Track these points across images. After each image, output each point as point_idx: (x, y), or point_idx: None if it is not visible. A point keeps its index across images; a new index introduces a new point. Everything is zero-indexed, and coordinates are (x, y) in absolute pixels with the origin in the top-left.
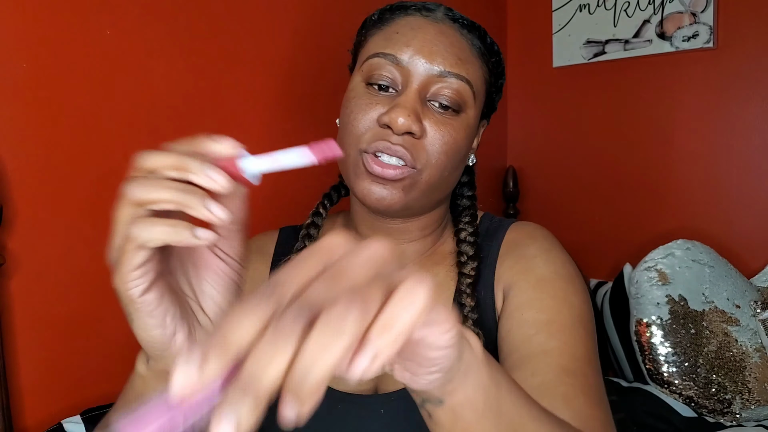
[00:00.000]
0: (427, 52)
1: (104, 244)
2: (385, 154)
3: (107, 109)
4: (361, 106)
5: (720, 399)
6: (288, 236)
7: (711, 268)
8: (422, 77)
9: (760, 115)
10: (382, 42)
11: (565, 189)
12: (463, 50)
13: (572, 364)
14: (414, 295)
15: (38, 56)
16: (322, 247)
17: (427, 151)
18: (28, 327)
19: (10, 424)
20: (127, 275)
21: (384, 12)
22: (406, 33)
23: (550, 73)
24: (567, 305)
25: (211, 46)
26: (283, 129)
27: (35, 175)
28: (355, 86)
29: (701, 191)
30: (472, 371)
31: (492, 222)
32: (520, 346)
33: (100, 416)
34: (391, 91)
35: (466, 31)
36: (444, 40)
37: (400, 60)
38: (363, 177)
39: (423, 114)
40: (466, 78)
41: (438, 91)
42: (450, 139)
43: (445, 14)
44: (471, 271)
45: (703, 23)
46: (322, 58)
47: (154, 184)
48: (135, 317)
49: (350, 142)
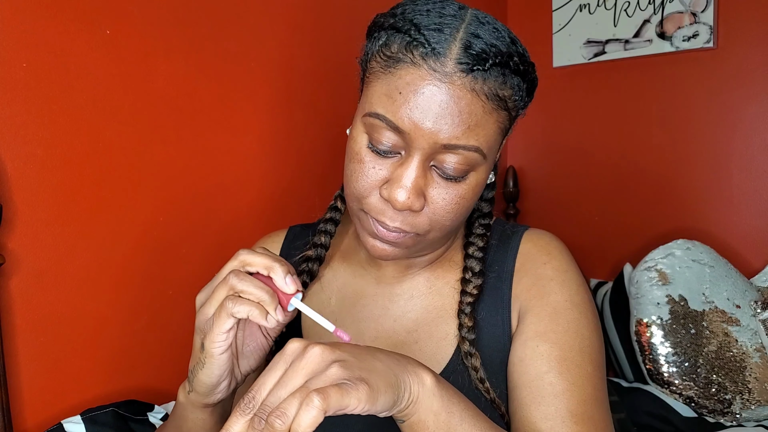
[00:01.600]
0: (430, 123)
1: (104, 244)
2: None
3: (107, 109)
4: (363, 171)
5: (720, 399)
6: (296, 235)
7: (711, 268)
8: (426, 149)
9: (760, 115)
10: (383, 98)
11: (565, 189)
12: (474, 113)
13: (580, 409)
14: (310, 407)
15: (38, 56)
16: (285, 355)
17: (429, 220)
18: (28, 327)
19: (10, 424)
20: (217, 336)
21: (389, 39)
22: (408, 96)
23: (550, 73)
24: (578, 338)
25: (211, 46)
26: (284, 128)
27: (35, 175)
28: (358, 139)
29: (701, 191)
30: (421, 401)
31: (505, 229)
32: (532, 383)
33: (100, 416)
34: (393, 156)
35: (481, 81)
36: (452, 108)
37: (400, 129)
38: (366, 235)
39: (426, 182)
40: (475, 147)
41: (443, 160)
42: (455, 206)
43: (457, 63)
44: (473, 290)
45: (703, 23)
46: (323, 58)
47: (249, 283)
48: (207, 367)
49: (352, 198)
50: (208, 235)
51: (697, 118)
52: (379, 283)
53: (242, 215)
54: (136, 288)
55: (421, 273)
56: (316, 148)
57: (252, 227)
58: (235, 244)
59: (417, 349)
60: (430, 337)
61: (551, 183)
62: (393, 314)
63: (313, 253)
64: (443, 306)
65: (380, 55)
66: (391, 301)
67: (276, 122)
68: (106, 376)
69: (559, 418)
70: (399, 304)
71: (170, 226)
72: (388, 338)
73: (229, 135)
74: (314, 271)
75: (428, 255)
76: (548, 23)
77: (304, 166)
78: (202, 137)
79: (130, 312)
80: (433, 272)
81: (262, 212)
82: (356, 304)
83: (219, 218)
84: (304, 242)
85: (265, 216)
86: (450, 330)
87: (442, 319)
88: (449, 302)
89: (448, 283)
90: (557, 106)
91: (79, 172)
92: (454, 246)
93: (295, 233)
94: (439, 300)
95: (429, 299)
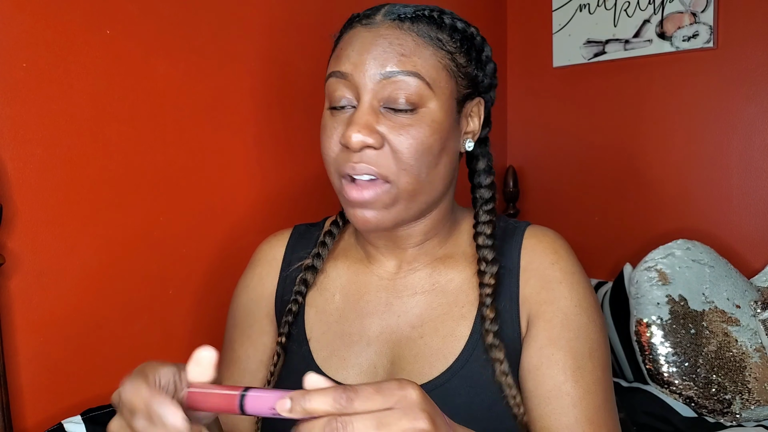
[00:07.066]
0: (366, 59)
1: (104, 244)
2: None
3: (107, 109)
4: (326, 133)
5: (720, 399)
6: (301, 235)
7: (711, 268)
8: (369, 86)
9: (760, 115)
10: (333, 62)
11: (565, 189)
12: (405, 44)
13: (595, 416)
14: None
15: (38, 56)
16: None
17: (392, 159)
18: (28, 327)
19: (10, 424)
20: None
21: (341, 30)
22: (346, 47)
23: (550, 73)
24: (588, 343)
25: (211, 46)
26: (283, 128)
27: (35, 175)
28: (324, 113)
29: (701, 191)
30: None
31: (507, 224)
32: (551, 393)
33: (100, 416)
34: (349, 109)
35: (409, 23)
36: (382, 42)
37: (345, 74)
38: (348, 205)
39: (379, 122)
40: (412, 72)
41: (390, 95)
42: (413, 141)
43: (385, 15)
44: (490, 280)
45: (703, 23)
46: (321, 58)
47: None
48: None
49: (329, 170)
50: (208, 235)
51: (697, 118)
52: (380, 279)
53: (242, 215)
54: (136, 288)
55: (422, 269)
56: (314, 147)
57: (252, 226)
58: (235, 244)
59: (422, 344)
60: (436, 333)
61: (551, 183)
62: (397, 310)
63: (310, 262)
64: (447, 302)
65: (334, 45)
66: (395, 297)
67: (275, 122)
68: (106, 376)
69: (579, 429)
70: (402, 300)
71: (170, 226)
72: (392, 333)
73: (229, 135)
74: (310, 281)
75: (424, 244)
76: (548, 23)
77: (303, 165)
78: (202, 137)
79: (130, 312)
80: (435, 268)
81: (262, 211)
82: (360, 301)
83: (219, 218)
84: (309, 242)
85: (265, 215)
86: (456, 326)
87: (448, 315)
88: (454, 300)
89: (452, 281)
90: (557, 106)
91: (79, 172)
92: (455, 241)
93: (300, 232)
94: (443, 296)
95: (432, 295)
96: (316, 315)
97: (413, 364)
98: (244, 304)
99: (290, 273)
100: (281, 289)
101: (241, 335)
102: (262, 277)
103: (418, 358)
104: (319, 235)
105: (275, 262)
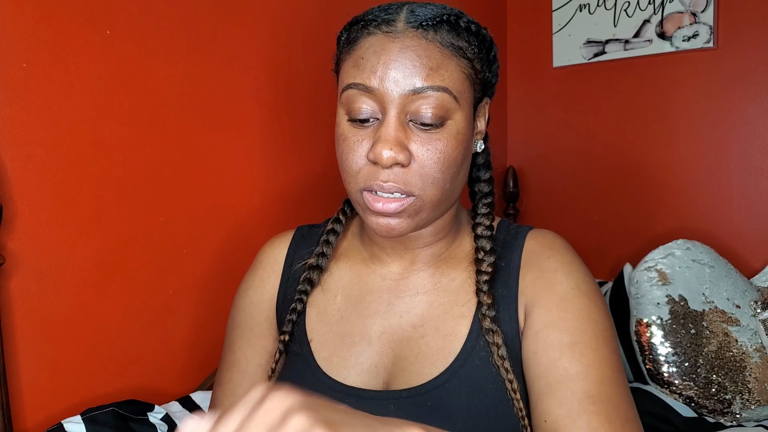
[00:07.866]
0: (393, 73)
1: (104, 244)
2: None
3: (107, 109)
4: (349, 146)
5: (720, 399)
6: (303, 236)
7: (711, 268)
8: (397, 100)
9: (760, 115)
10: (352, 70)
11: (565, 189)
12: (433, 57)
13: (597, 389)
14: None
15: (38, 56)
16: (245, 402)
17: (420, 175)
18: (28, 327)
19: (10, 424)
20: None
21: (350, 31)
22: (370, 58)
23: (550, 73)
24: (590, 323)
25: (211, 46)
26: (284, 128)
27: (35, 175)
28: (340, 122)
29: (701, 191)
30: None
31: (510, 229)
32: (547, 372)
33: (100, 416)
34: (372, 122)
35: (432, 32)
36: (410, 54)
37: (370, 88)
38: (369, 213)
39: (407, 138)
40: (441, 87)
41: (417, 109)
42: (440, 155)
43: (407, 23)
44: (488, 267)
45: (703, 23)
46: (323, 58)
47: None
48: None
49: (349, 181)
50: (208, 235)
51: (696, 118)
52: (384, 280)
53: (242, 214)
54: (136, 288)
55: (425, 269)
56: (316, 147)
57: (252, 226)
58: (236, 244)
59: (423, 344)
60: (437, 332)
61: (551, 183)
62: (398, 310)
63: (314, 261)
64: (448, 301)
65: (344, 45)
66: (397, 297)
67: (276, 122)
68: (106, 376)
69: (576, 401)
70: (404, 300)
71: (170, 226)
72: (393, 333)
73: (229, 135)
74: (315, 281)
75: (433, 245)
76: (548, 23)
77: (304, 165)
78: (202, 137)
79: (130, 312)
80: (437, 269)
81: (263, 212)
82: (362, 301)
83: (219, 218)
84: (312, 243)
85: (266, 215)
86: (456, 325)
87: (449, 315)
88: (455, 299)
89: (453, 280)
90: (557, 106)
91: (79, 172)
92: (457, 243)
93: (303, 233)
94: (444, 296)
95: (434, 295)
96: (317, 316)
97: (414, 363)
98: (245, 306)
99: (293, 273)
100: (283, 291)
101: (241, 338)
102: (264, 279)
103: (420, 357)
104: (322, 235)
105: (277, 264)
